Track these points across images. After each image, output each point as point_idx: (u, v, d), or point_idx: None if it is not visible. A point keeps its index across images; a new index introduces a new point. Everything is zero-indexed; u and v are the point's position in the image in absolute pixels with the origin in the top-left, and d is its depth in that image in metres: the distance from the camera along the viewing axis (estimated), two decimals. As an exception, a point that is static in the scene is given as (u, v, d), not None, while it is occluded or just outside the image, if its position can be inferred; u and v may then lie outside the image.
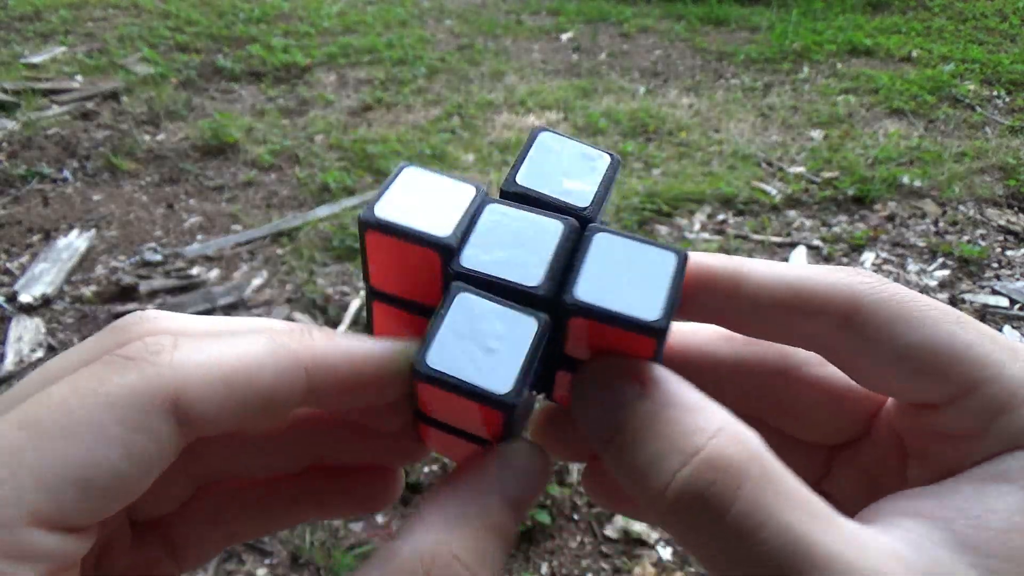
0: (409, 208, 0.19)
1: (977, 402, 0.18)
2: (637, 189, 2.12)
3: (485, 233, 0.19)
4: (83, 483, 0.15)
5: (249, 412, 0.17)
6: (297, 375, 0.17)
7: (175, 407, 0.16)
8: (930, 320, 0.19)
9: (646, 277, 0.18)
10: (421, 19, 4.04)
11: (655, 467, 0.17)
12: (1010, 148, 2.36)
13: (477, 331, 0.18)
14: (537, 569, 1.12)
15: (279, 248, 1.88)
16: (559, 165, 0.21)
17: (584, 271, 0.19)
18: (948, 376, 0.18)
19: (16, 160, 2.27)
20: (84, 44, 3.34)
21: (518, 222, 0.20)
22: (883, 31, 3.67)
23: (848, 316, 0.19)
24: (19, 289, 1.69)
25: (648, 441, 0.17)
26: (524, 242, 0.19)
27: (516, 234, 0.19)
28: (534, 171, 0.21)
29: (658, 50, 3.54)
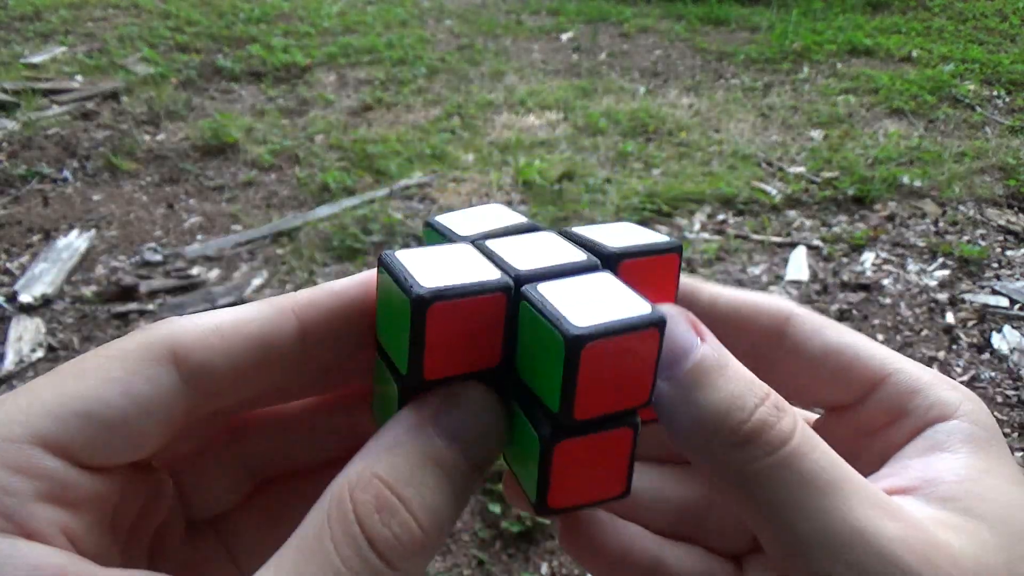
0: (444, 271, 0.18)
1: (889, 390, 0.21)
2: (637, 189, 2.12)
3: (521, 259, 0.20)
4: (85, 414, 0.16)
5: (245, 357, 0.18)
6: (285, 318, 0.19)
7: (173, 355, 0.18)
8: (844, 331, 0.23)
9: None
10: (421, 19, 4.04)
11: (735, 403, 0.18)
12: (1010, 148, 2.36)
13: None
14: (537, 569, 1.12)
15: (279, 248, 1.88)
16: None
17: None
18: (861, 371, 0.22)
19: (16, 160, 2.27)
20: (84, 44, 3.34)
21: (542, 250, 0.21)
22: (883, 31, 3.67)
23: (784, 322, 0.23)
24: (19, 289, 1.69)
25: (725, 382, 0.19)
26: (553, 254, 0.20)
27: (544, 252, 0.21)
28: None
29: (658, 50, 3.54)
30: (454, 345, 0.18)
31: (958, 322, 1.62)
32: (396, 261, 0.18)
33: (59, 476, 0.16)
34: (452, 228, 0.21)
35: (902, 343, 1.56)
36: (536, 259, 0.20)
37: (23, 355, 1.51)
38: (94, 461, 0.17)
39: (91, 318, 1.62)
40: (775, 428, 0.18)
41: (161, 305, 1.66)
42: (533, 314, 0.18)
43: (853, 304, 1.66)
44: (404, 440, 0.18)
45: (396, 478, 0.17)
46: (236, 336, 0.18)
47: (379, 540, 0.16)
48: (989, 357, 1.52)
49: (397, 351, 0.19)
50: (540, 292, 0.18)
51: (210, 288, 1.72)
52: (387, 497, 0.17)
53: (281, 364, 0.19)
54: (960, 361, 1.51)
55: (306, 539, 0.16)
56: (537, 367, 0.18)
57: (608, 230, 0.22)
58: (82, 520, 0.17)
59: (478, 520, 1.19)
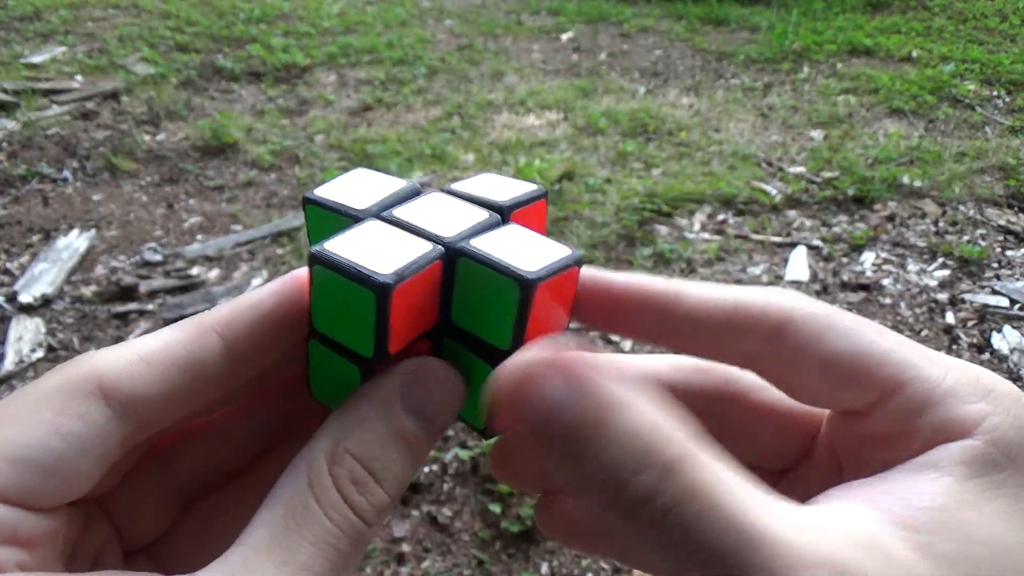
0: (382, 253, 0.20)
1: (900, 403, 0.19)
2: (637, 189, 2.12)
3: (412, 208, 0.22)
4: (19, 460, 0.17)
5: (173, 384, 0.19)
6: (209, 338, 0.19)
7: (100, 390, 0.18)
8: (853, 331, 0.20)
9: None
10: (421, 19, 4.04)
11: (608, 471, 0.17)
12: (1010, 148, 2.36)
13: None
14: (537, 569, 1.12)
15: (279, 248, 1.88)
16: None
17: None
18: (872, 380, 0.20)
19: (16, 160, 2.27)
20: (84, 44, 3.34)
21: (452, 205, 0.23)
22: (883, 31, 3.67)
23: (779, 329, 0.20)
24: (19, 289, 1.69)
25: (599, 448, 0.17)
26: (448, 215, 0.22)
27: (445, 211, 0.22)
28: None
29: (658, 50, 3.54)
30: (406, 318, 0.20)
31: (958, 322, 1.62)
32: (335, 256, 0.19)
33: (7, 521, 0.16)
34: (343, 202, 0.22)
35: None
36: (450, 223, 0.21)
37: (23, 355, 1.51)
38: (36, 504, 0.17)
39: (91, 318, 1.62)
40: (651, 493, 0.16)
41: (161, 305, 1.66)
42: (480, 269, 0.20)
43: (853, 304, 1.66)
44: (372, 416, 0.19)
45: (366, 454, 0.19)
46: (163, 363, 0.18)
47: (358, 506, 0.19)
48: (989, 357, 1.52)
49: (355, 337, 0.20)
50: (481, 249, 0.20)
51: (210, 288, 1.72)
52: (360, 472, 0.19)
53: (209, 384, 0.19)
54: (960, 361, 1.51)
55: (292, 505, 0.18)
56: (483, 314, 0.21)
57: (480, 183, 0.24)
58: (36, 556, 0.17)
59: (478, 520, 1.19)
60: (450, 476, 1.26)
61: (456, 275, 0.20)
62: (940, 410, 0.19)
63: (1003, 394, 0.19)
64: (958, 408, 0.19)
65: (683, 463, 0.17)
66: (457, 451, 1.29)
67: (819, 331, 0.20)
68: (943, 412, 0.19)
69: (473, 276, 0.20)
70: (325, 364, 0.21)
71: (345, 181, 0.23)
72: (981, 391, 0.19)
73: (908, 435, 0.19)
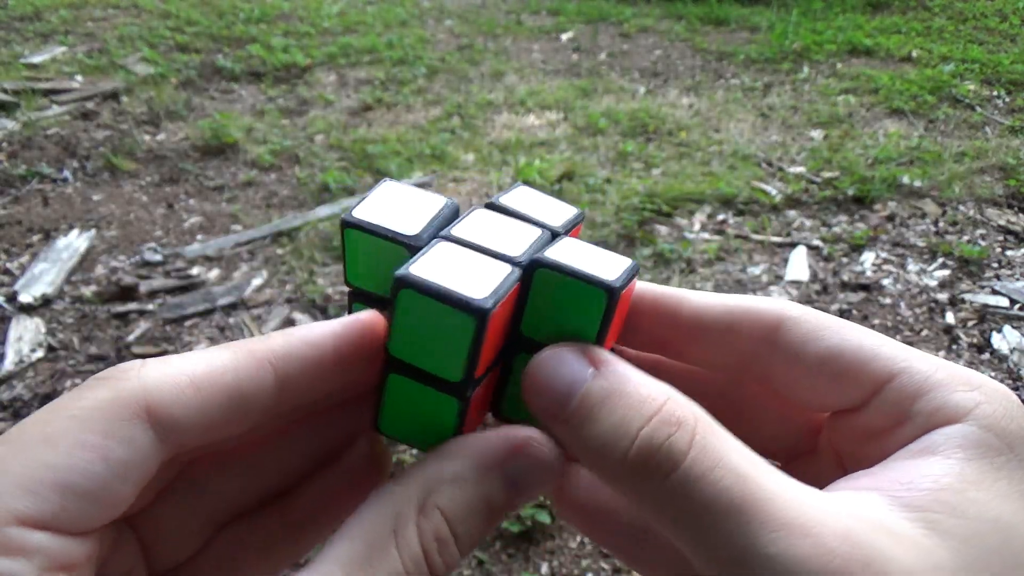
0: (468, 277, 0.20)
1: (894, 392, 0.20)
2: (637, 189, 2.12)
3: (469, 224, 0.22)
4: (62, 486, 0.16)
5: (221, 412, 0.18)
6: (263, 370, 0.19)
7: (148, 413, 0.17)
8: (844, 330, 0.21)
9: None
10: (421, 19, 4.04)
11: (618, 432, 0.18)
12: (1010, 148, 2.36)
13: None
14: (537, 569, 1.12)
15: (279, 248, 1.88)
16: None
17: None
18: (865, 372, 0.21)
19: (16, 160, 2.27)
20: (84, 44, 3.34)
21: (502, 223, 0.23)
22: (883, 31, 3.67)
23: (774, 328, 0.22)
24: (19, 289, 1.69)
25: (608, 412, 0.18)
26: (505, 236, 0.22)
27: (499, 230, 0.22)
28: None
29: (658, 50, 3.54)
30: (492, 340, 0.20)
31: (958, 322, 1.62)
32: (427, 281, 0.18)
33: (50, 550, 0.16)
34: (390, 226, 0.21)
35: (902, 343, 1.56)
36: (511, 241, 0.21)
37: (23, 355, 1.51)
38: (76, 529, 0.17)
39: (91, 318, 1.62)
40: (661, 450, 0.17)
41: (161, 305, 1.66)
42: (561, 280, 0.20)
43: (853, 304, 1.66)
44: (470, 478, 0.19)
45: (455, 515, 0.19)
46: (211, 389, 0.18)
47: (433, 563, 0.18)
48: (989, 357, 1.52)
49: (442, 363, 0.20)
50: (561, 260, 0.20)
51: (210, 288, 1.72)
52: (444, 531, 0.19)
53: (255, 414, 0.19)
54: (960, 361, 1.51)
55: (372, 545, 0.18)
56: (562, 324, 0.21)
57: (519, 197, 0.24)
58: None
59: (478, 520, 1.19)
60: (450, 476, 1.26)
61: (532, 288, 0.20)
62: (934, 396, 0.19)
63: (991, 388, 0.20)
64: (951, 395, 0.19)
65: (697, 424, 0.18)
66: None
67: (812, 330, 0.21)
68: (937, 399, 0.19)
69: (552, 288, 0.20)
70: (408, 397, 0.21)
71: (379, 200, 0.22)
72: (970, 383, 0.20)
73: (904, 422, 0.20)
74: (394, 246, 0.21)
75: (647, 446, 0.18)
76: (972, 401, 0.19)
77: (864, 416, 0.21)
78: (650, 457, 0.17)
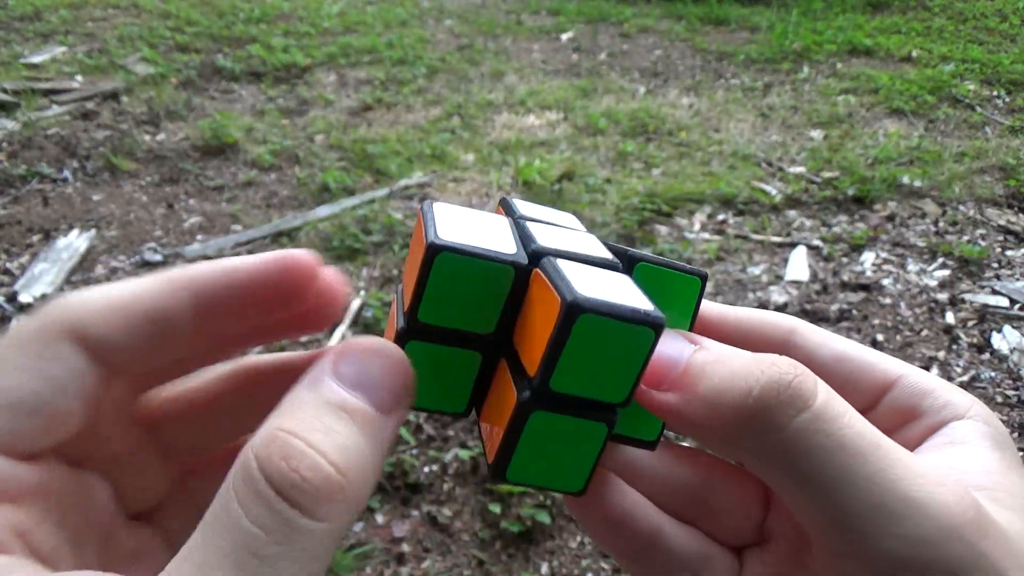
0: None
1: (903, 390, 0.22)
2: (637, 189, 2.12)
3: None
4: (5, 405, 0.17)
5: (144, 332, 0.19)
6: (177, 293, 0.19)
7: (74, 334, 0.18)
8: (847, 341, 0.24)
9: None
10: (421, 19, 4.04)
11: (736, 379, 0.18)
12: (1010, 148, 2.36)
13: None
14: (537, 569, 1.12)
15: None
16: None
17: None
18: (872, 376, 0.23)
19: (16, 160, 2.27)
20: (84, 44, 3.34)
21: None
22: (883, 31, 3.67)
23: (786, 334, 0.24)
24: (19, 289, 1.69)
25: (724, 366, 0.19)
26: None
27: None
28: None
29: (658, 50, 3.54)
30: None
31: (958, 322, 1.62)
32: (606, 302, 0.18)
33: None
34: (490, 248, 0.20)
35: (902, 343, 1.56)
36: (567, 244, 0.21)
37: (23, 355, 1.51)
38: (25, 447, 0.17)
39: (91, 318, 1.62)
40: (791, 385, 0.17)
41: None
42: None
43: (853, 304, 1.66)
44: (304, 395, 0.17)
45: (300, 427, 0.16)
46: (131, 309, 0.19)
47: (287, 486, 0.15)
48: (989, 357, 1.52)
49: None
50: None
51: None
52: (293, 443, 0.16)
53: (177, 337, 0.19)
54: (960, 361, 1.51)
55: (213, 511, 0.16)
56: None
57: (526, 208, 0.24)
58: (29, 515, 0.17)
59: (478, 520, 1.19)
60: (450, 476, 1.26)
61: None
62: (939, 396, 0.22)
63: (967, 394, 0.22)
64: (951, 395, 0.22)
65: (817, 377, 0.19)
66: (457, 451, 1.29)
67: (823, 336, 0.24)
68: (942, 398, 0.22)
69: (652, 279, 0.22)
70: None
71: (446, 220, 0.21)
72: (956, 388, 0.22)
73: (916, 418, 0.22)
74: (485, 269, 0.20)
75: (773, 386, 0.17)
76: (968, 402, 0.21)
77: (874, 416, 0.22)
78: (778, 392, 0.17)
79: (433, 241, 0.19)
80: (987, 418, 0.21)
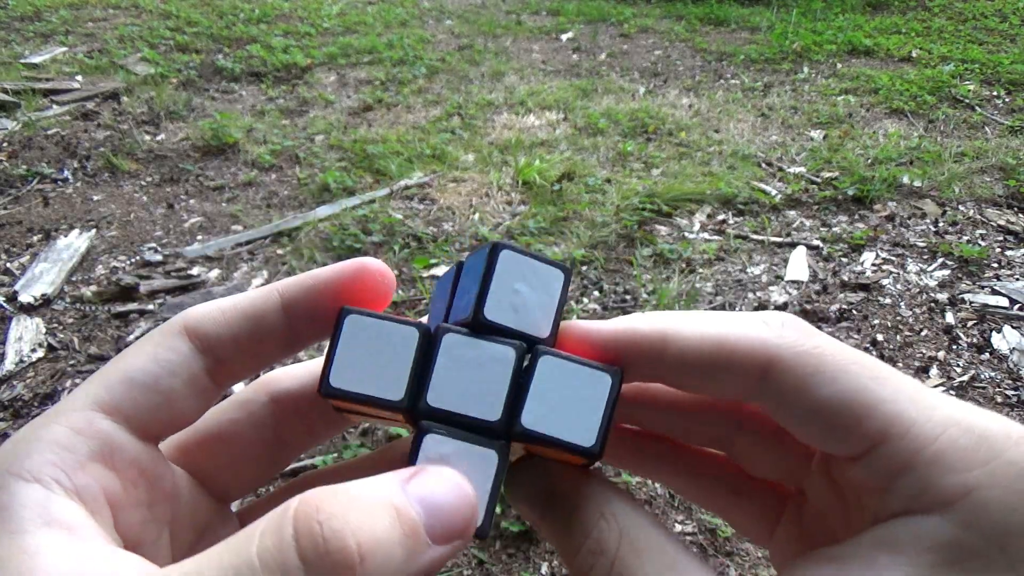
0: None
1: (881, 459, 0.18)
2: (637, 189, 2.12)
3: (446, 367, 0.21)
4: (128, 379, 0.21)
5: (242, 327, 0.23)
6: (270, 295, 0.23)
7: (186, 329, 0.22)
8: (845, 375, 0.19)
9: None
10: (421, 19, 4.04)
11: (563, 549, 0.21)
12: (1010, 148, 2.36)
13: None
14: (537, 569, 1.12)
15: (279, 248, 1.88)
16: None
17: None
18: (857, 430, 0.19)
19: (16, 160, 2.27)
20: (84, 44, 3.34)
21: (476, 351, 0.22)
22: (883, 31, 3.67)
23: (764, 371, 0.20)
24: (19, 289, 1.69)
25: (562, 529, 0.21)
26: (483, 373, 0.21)
27: (475, 364, 0.21)
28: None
29: (658, 50, 3.54)
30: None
31: (958, 322, 1.62)
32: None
33: (110, 438, 0.20)
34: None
35: (902, 343, 1.56)
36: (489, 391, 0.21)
37: (23, 355, 1.51)
38: (143, 424, 0.21)
39: (91, 318, 1.62)
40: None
41: (161, 305, 1.66)
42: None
43: (853, 304, 1.66)
44: (371, 484, 0.18)
45: (349, 504, 0.16)
46: (233, 312, 0.23)
47: (306, 541, 0.15)
48: (989, 357, 1.52)
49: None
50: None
51: (210, 288, 1.72)
52: (335, 511, 0.16)
53: (269, 332, 0.23)
54: (960, 361, 1.51)
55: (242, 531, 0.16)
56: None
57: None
58: (122, 483, 0.20)
59: (478, 520, 1.19)
60: (450, 476, 1.26)
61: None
62: (922, 474, 0.17)
63: (1008, 462, 0.17)
64: (942, 476, 0.17)
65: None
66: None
67: (805, 375, 0.19)
68: (925, 477, 0.17)
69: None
70: None
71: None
72: (979, 457, 0.17)
73: (888, 493, 0.18)
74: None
75: None
76: (963, 487, 0.17)
77: (855, 468, 0.19)
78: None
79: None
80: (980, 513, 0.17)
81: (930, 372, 1.48)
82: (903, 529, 0.17)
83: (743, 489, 0.24)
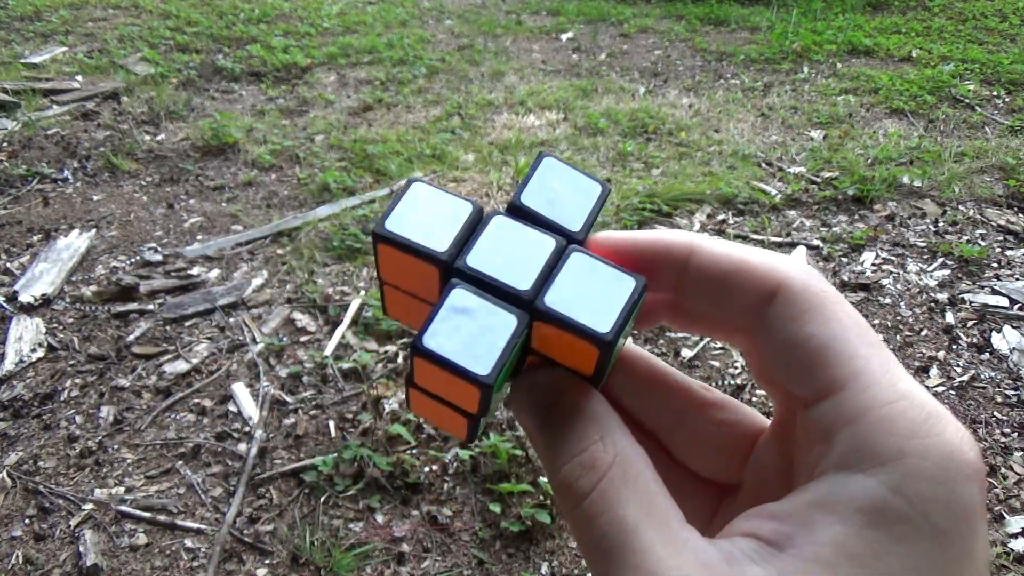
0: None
1: (833, 407, 0.18)
2: (637, 189, 2.12)
3: (490, 240, 0.22)
4: None
5: None
6: None
7: None
8: (837, 323, 0.20)
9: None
10: (421, 19, 4.04)
11: (553, 457, 0.21)
12: (1010, 148, 2.36)
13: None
14: (537, 569, 1.12)
15: (279, 248, 1.88)
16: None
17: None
18: (823, 372, 0.19)
19: (16, 160, 2.27)
20: (84, 44, 3.34)
21: (520, 234, 0.23)
22: (883, 31, 3.67)
23: (769, 296, 0.21)
24: (19, 289, 1.69)
25: (556, 440, 0.21)
26: (522, 252, 0.22)
27: (517, 244, 0.22)
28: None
29: (658, 50, 3.54)
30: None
31: (958, 322, 1.62)
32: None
33: None
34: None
35: (902, 343, 1.56)
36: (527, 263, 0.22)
37: (23, 355, 1.51)
38: None
39: (91, 318, 1.62)
40: (573, 487, 0.20)
41: (161, 305, 1.66)
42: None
43: (853, 304, 1.66)
44: None
45: None
46: None
47: None
48: (989, 357, 1.52)
49: None
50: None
51: (210, 288, 1.72)
52: None
53: None
54: (960, 361, 1.51)
55: None
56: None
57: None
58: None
59: (478, 520, 1.19)
60: (450, 476, 1.26)
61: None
62: (864, 430, 0.18)
63: (945, 442, 0.17)
64: (882, 437, 0.17)
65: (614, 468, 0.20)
66: (457, 451, 1.29)
67: (803, 309, 0.20)
68: (865, 434, 0.18)
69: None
70: None
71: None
72: (920, 430, 0.17)
73: (829, 447, 0.18)
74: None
75: (561, 480, 0.20)
76: (898, 451, 0.17)
77: (811, 414, 0.19)
78: (564, 489, 0.20)
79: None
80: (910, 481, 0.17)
81: (930, 372, 1.48)
82: (838, 486, 0.17)
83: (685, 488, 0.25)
